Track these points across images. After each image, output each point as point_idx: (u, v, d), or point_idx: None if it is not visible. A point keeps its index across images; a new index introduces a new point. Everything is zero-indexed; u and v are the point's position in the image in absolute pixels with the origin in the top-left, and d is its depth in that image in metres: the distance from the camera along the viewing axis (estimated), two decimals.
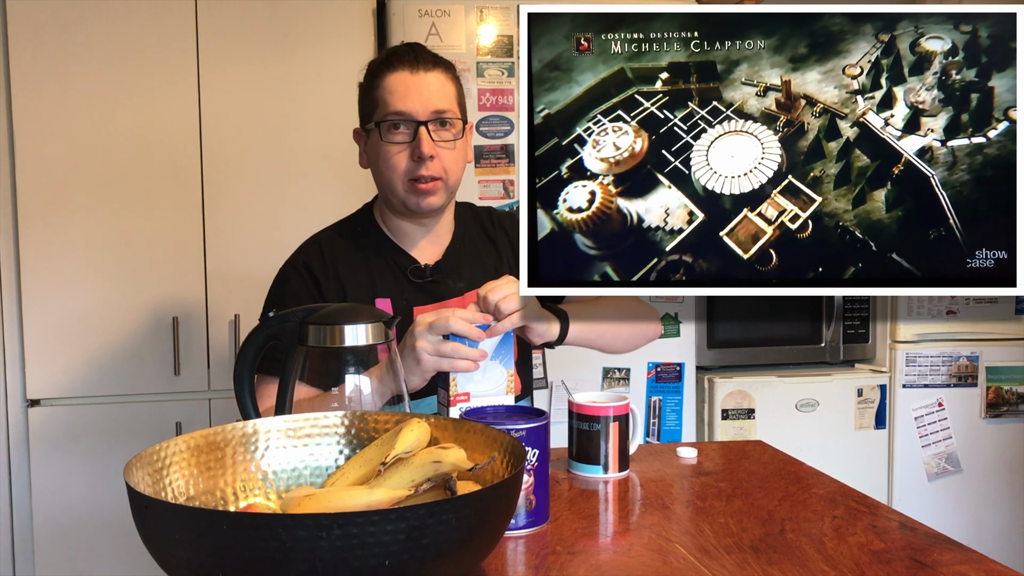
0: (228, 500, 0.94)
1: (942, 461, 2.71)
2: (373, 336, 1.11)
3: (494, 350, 1.27)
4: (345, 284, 1.45)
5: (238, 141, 2.37)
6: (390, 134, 1.41)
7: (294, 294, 1.45)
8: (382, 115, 1.41)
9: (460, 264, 1.52)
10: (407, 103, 1.39)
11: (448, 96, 1.43)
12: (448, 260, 1.51)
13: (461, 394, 1.26)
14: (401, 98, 1.40)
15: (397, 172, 1.42)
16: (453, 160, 1.44)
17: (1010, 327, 2.75)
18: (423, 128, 1.39)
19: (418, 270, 1.48)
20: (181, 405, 2.36)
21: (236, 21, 2.34)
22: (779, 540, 1.01)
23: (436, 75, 1.42)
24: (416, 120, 1.39)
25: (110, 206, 2.31)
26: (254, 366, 1.19)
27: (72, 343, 2.30)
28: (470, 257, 1.54)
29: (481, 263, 1.55)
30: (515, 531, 1.04)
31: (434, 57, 1.44)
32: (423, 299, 1.46)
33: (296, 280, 1.47)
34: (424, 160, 1.39)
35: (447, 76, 1.45)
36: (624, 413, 1.28)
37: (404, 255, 1.50)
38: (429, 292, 1.47)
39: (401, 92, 1.40)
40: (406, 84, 1.40)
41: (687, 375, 2.57)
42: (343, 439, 1.01)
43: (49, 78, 2.26)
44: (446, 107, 1.42)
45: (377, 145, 1.43)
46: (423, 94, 1.39)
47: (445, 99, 1.42)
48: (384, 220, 1.53)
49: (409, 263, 1.49)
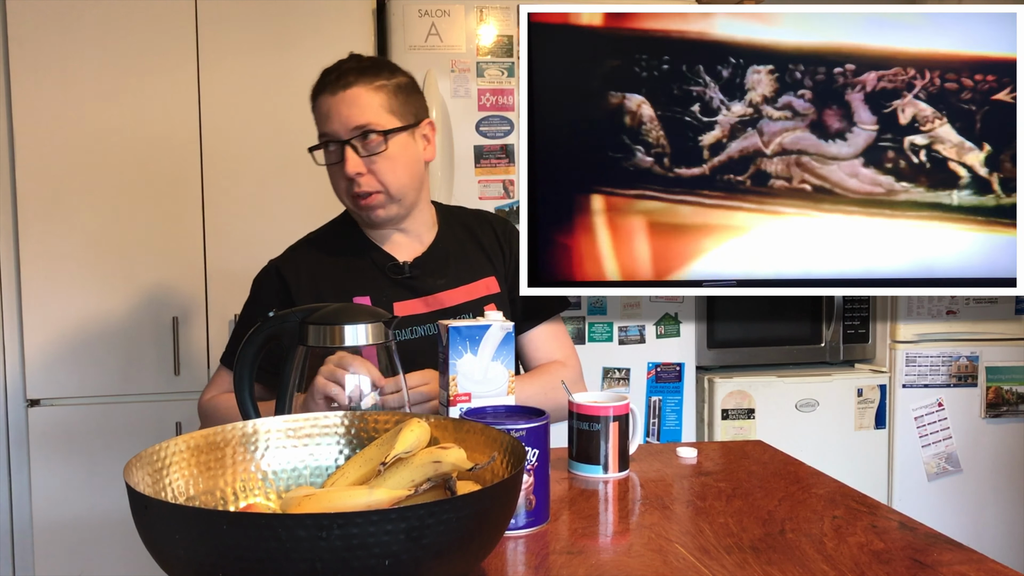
0: (228, 500, 0.94)
1: (942, 461, 2.71)
2: (373, 336, 1.11)
3: (495, 351, 1.27)
4: (320, 285, 1.48)
5: (238, 141, 2.37)
6: (326, 155, 1.46)
7: (262, 299, 1.50)
8: (318, 138, 1.47)
9: (443, 263, 1.53)
10: (330, 125, 1.43)
11: (371, 108, 1.43)
12: (430, 257, 1.52)
13: (462, 394, 1.26)
14: (325, 120, 1.44)
15: (339, 190, 1.48)
16: (390, 169, 1.44)
17: (1010, 327, 2.75)
18: (348, 147, 1.42)
19: (397, 266, 1.50)
20: (181, 405, 2.36)
21: (236, 21, 2.34)
22: (779, 540, 1.01)
23: (355, 91, 1.43)
24: (340, 140, 1.43)
25: (110, 206, 2.31)
26: (254, 366, 1.19)
27: (72, 343, 2.30)
28: (455, 257, 1.54)
29: (468, 264, 1.55)
30: (515, 531, 1.04)
31: (358, 70, 1.44)
32: (404, 295, 1.48)
33: (266, 285, 1.52)
34: (354, 179, 1.43)
35: (369, 87, 1.43)
36: (624, 413, 1.28)
37: (383, 253, 1.52)
38: (410, 288, 1.49)
39: (324, 114, 1.44)
40: (328, 106, 1.44)
41: (687, 375, 2.57)
42: (343, 439, 1.01)
43: (49, 78, 2.26)
44: (367, 121, 1.42)
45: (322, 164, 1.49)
46: (341, 113, 1.42)
47: (366, 113, 1.42)
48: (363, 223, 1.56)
49: (388, 260, 1.51)
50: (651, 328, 2.53)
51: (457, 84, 2.39)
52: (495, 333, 1.27)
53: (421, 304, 1.49)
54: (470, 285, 1.53)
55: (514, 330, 1.29)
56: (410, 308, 1.47)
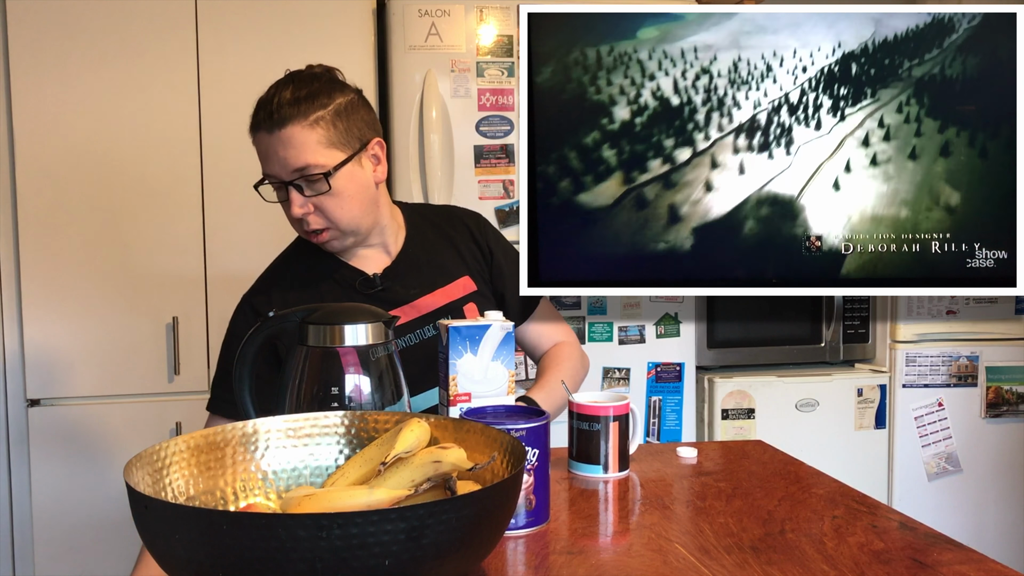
0: (228, 500, 0.94)
1: (942, 461, 2.71)
2: (373, 336, 1.11)
3: (495, 351, 1.27)
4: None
5: (238, 141, 2.34)
6: (274, 193, 1.43)
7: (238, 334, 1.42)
8: (263, 176, 1.42)
9: (412, 270, 1.49)
10: (270, 166, 1.39)
11: (308, 148, 1.37)
12: (398, 267, 1.49)
13: (462, 394, 1.26)
14: (266, 161, 1.40)
15: (292, 224, 1.45)
16: (336, 206, 1.40)
17: (1010, 327, 2.75)
18: (292, 188, 1.38)
19: (366, 281, 1.47)
20: (181, 405, 2.36)
21: (236, 22, 2.35)
22: (779, 540, 1.01)
23: (290, 130, 1.37)
24: (283, 181, 1.39)
25: (110, 206, 2.31)
26: (254, 366, 1.19)
27: (72, 343, 2.30)
28: (425, 261, 1.51)
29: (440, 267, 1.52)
30: (515, 531, 1.04)
31: (292, 103, 1.38)
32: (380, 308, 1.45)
33: (240, 320, 1.48)
34: (300, 219, 1.40)
35: (305, 124, 1.37)
36: (624, 413, 1.28)
37: (351, 269, 1.48)
38: (381, 300, 1.44)
39: (263, 154, 1.40)
40: (266, 146, 1.39)
41: (687, 375, 2.57)
42: (343, 439, 1.01)
43: (49, 78, 2.26)
44: (307, 162, 1.36)
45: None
46: (279, 155, 1.37)
47: (304, 154, 1.37)
48: None
49: (357, 275, 1.47)
50: (651, 328, 2.53)
51: (457, 84, 2.39)
52: (495, 333, 1.27)
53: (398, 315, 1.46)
54: (446, 288, 1.50)
55: (514, 329, 1.29)
56: None
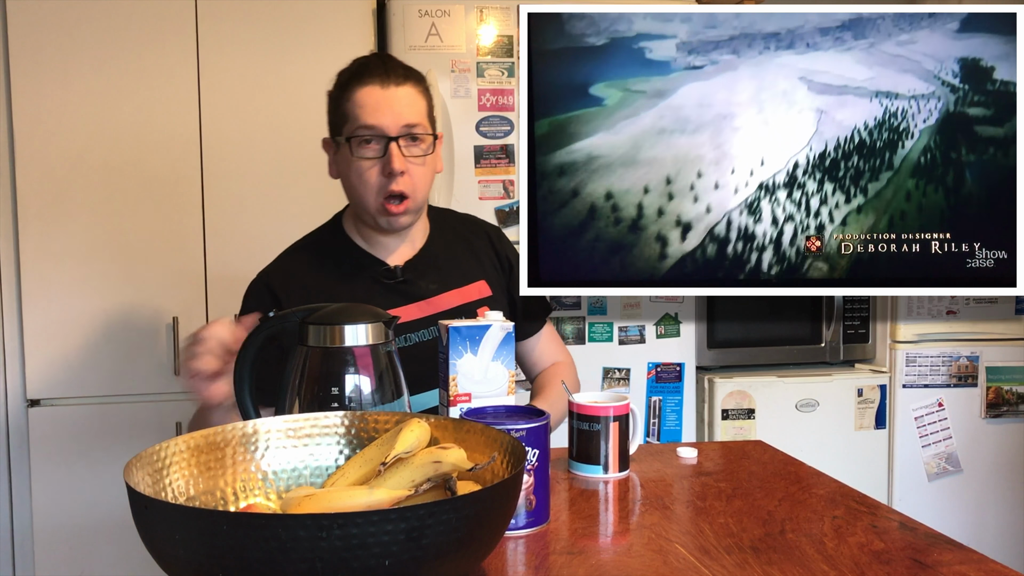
0: (228, 500, 0.94)
1: (942, 461, 2.71)
2: (373, 336, 1.11)
3: (495, 351, 1.27)
4: (312, 294, 1.43)
5: (238, 141, 2.37)
6: (361, 149, 1.40)
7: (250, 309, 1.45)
8: (352, 130, 1.40)
9: (433, 266, 1.51)
10: (378, 118, 1.38)
11: (419, 110, 1.41)
12: (420, 261, 1.50)
13: (462, 394, 1.26)
14: (372, 113, 1.38)
15: (369, 187, 1.41)
16: (422, 176, 1.43)
17: (1010, 327, 2.75)
18: (394, 144, 1.38)
19: (388, 272, 1.47)
20: (181, 405, 2.36)
21: (236, 21, 2.34)
22: (779, 540, 1.01)
23: (407, 89, 1.40)
24: (387, 135, 1.38)
25: (110, 206, 2.31)
26: (254, 366, 1.19)
27: (72, 343, 2.30)
28: (444, 260, 1.53)
29: (458, 267, 1.53)
30: (515, 531, 1.04)
31: (405, 70, 1.42)
32: (397, 301, 1.46)
33: (254, 298, 1.47)
34: (395, 176, 1.39)
35: (418, 89, 1.42)
36: (624, 413, 1.28)
37: (374, 260, 1.49)
38: (402, 293, 1.46)
39: (371, 107, 1.38)
40: (376, 99, 1.38)
41: (687, 375, 2.57)
42: (343, 439, 1.01)
43: (49, 78, 2.26)
44: (417, 121, 1.40)
45: (348, 159, 1.42)
46: (394, 109, 1.38)
47: (416, 113, 1.40)
48: (355, 228, 1.52)
49: (380, 267, 1.48)
50: (651, 328, 2.53)
51: (457, 84, 2.39)
52: (495, 333, 1.27)
53: (415, 310, 1.47)
54: (462, 289, 1.52)
55: (514, 330, 1.29)
56: (404, 315, 1.45)
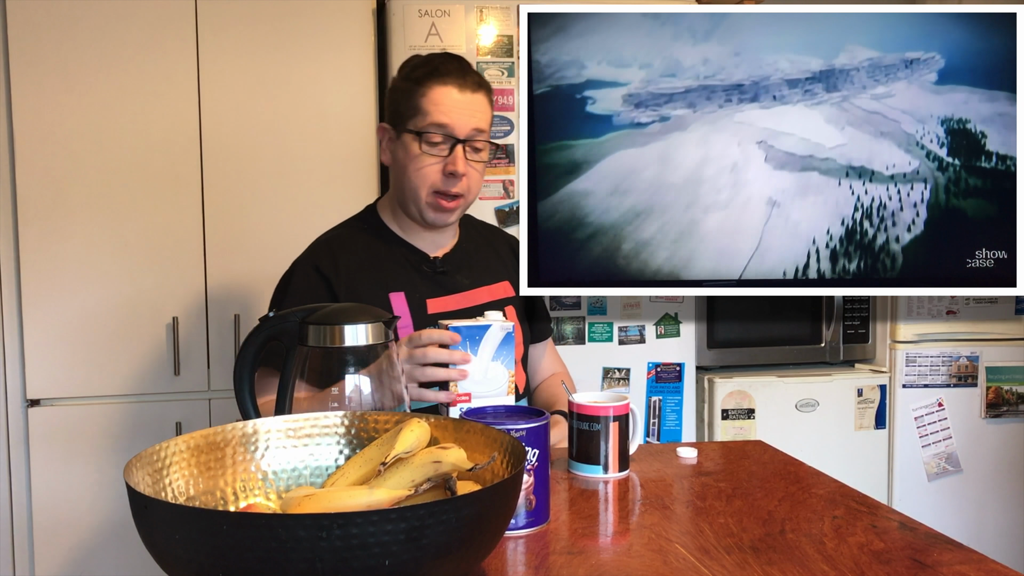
0: (228, 500, 0.94)
1: (942, 461, 2.71)
2: (373, 336, 1.11)
3: (495, 351, 1.27)
4: (357, 280, 1.47)
5: (238, 141, 2.37)
6: (428, 145, 1.44)
7: (297, 292, 1.47)
8: (423, 125, 1.44)
9: (466, 263, 1.57)
10: (451, 118, 1.43)
11: (486, 119, 1.48)
12: (455, 256, 1.56)
13: (462, 394, 1.26)
14: (445, 112, 1.43)
15: (426, 182, 1.46)
16: (477, 181, 1.49)
17: (1010, 327, 2.75)
18: (460, 146, 1.43)
19: (429, 262, 1.52)
20: (181, 405, 2.36)
21: (236, 21, 2.34)
22: (779, 540, 1.01)
23: (480, 97, 1.47)
24: (455, 137, 1.43)
25: (110, 206, 2.31)
26: (254, 366, 1.19)
27: (72, 343, 2.30)
28: (475, 258, 1.59)
29: (487, 267, 1.60)
30: (515, 531, 1.04)
31: (479, 78, 1.49)
32: (436, 291, 1.50)
33: (302, 280, 1.49)
34: (456, 177, 1.44)
35: (488, 100, 1.49)
36: (624, 413, 1.28)
37: (414, 249, 1.54)
38: (441, 284, 1.51)
39: (446, 107, 1.43)
40: (452, 100, 1.43)
41: (687, 375, 2.57)
42: (343, 439, 1.01)
43: (49, 78, 2.26)
44: (483, 128, 1.47)
45: (409, 151, 1.46)
46: (466, 113, 1.44)
47: (483, 121, 1.47)
48: (393, 219, 1.56)
49: (420, 256, 1.53)
50: (651, 328, 2.53)
51: None
52: (495, 333, 1.27)
53: (452, 301, 1.51)
54: (491, 286, 1.57)
55: (513, 331, 1.29)
56: (443, 305, 1.50)
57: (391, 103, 1.52)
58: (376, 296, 1.45)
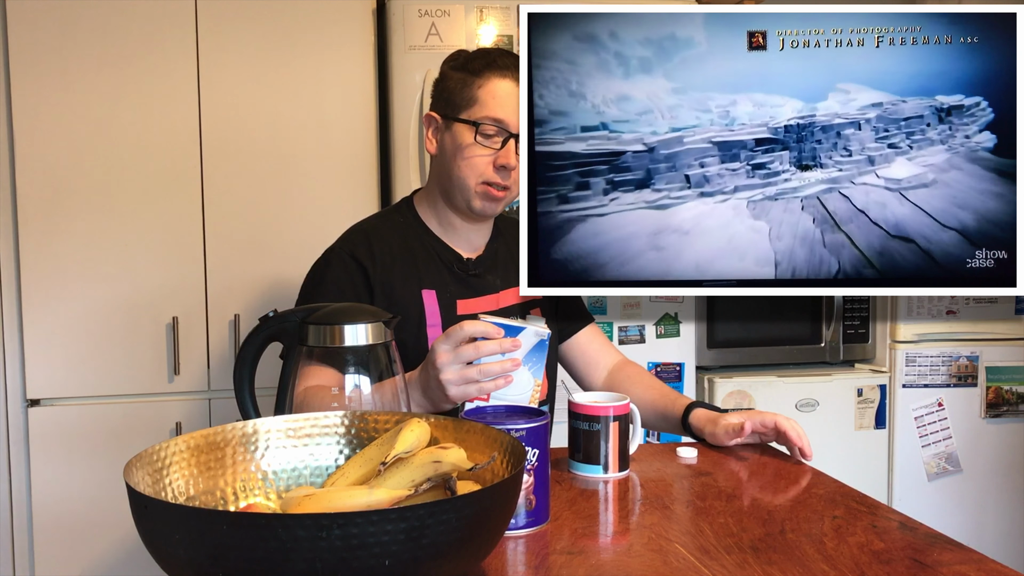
0: (228, 500, 0.94)
1: (942, 461, 2.71)
2: (373, 336, 1.11)
3: (525, 355, 1.23)
4: (392, 274, 1.47)
5: (238, 141, 2.37)
6: (483, 137, 1.44)
7: (335, 280, 1.45)
8: (479, 116, 1.44)
9: (497, 263, 1.57)
10: (508, 113, 1.44)
11: None
12: (488, 257, 1.56)
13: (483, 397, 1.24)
14: (502, 106, 1.44)
15: (475, 172, 1.46)
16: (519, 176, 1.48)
17: (1010, 327, 2.75)
18: (513, 140, 1.44)
19: (462, 263, 1.52)
20: (181, 405, 2.36)
21: (236, 21, 2.34)
22: (779, 540, 1.01)
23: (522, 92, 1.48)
24: (509, 131, 1.44)
25: (110, 206, 2.30)
26: (254, 366, 1.19)
27: (72, 343, 2.30)
28: (504, 259, 1.58)
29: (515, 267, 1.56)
30: (515, 531, 1.04)
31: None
32: (466, 292, 1.50)
33: (339, 267, 1.47)
34: (508, 170, 1.45)
35: None
36: (624, 413, 1.28)
37: (447, 248, 1.53)
38: (471, 286, 1.51)
39: (503, 100, 1.44)
40: (509, 94, 1.44)
41: (687, 375, 2.57)
42: (343, 439, 1.01)
43: (49, 78, 2.26)
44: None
45: (461, 140, 1.46)
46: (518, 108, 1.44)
47: None
48: (431, 213, 1.55)
49: (453, 256, 1.52)
50: (651, 328, 2.53)
51: None
52: (528, 337, 1.22)
53: (483, 303, 1.51)
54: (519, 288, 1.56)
55: (548, 340, 1.24)
56: (473, 307, 1.49)
57: (442, 92, 1.50)
58: (409, 290, 1.45)
